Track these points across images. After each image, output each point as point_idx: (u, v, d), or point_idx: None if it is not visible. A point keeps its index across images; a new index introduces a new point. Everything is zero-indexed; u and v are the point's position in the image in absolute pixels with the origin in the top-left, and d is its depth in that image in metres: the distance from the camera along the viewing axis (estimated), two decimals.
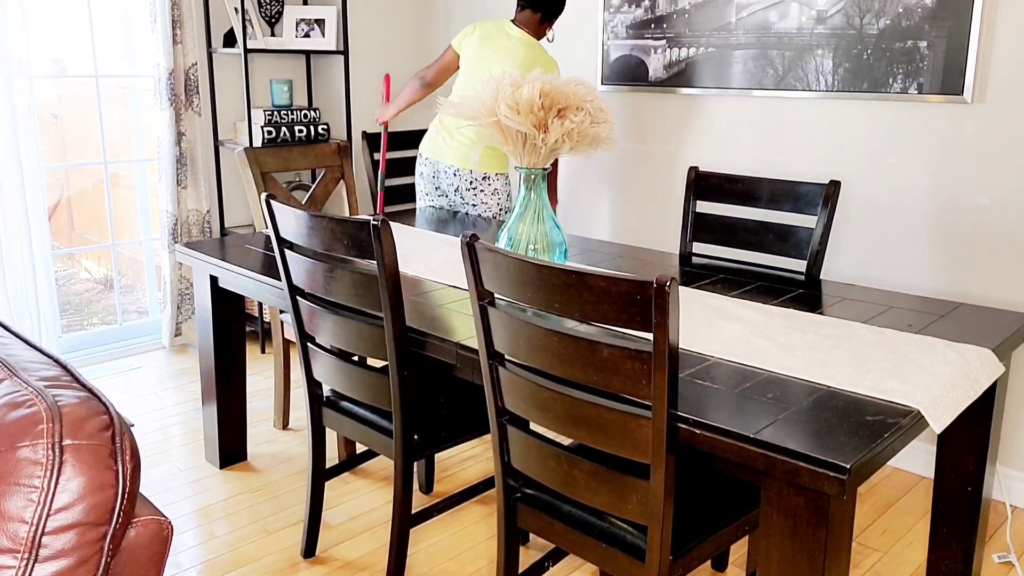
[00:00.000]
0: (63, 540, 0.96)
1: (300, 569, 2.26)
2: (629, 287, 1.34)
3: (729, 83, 3.07)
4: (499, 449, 1.72)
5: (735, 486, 1.74)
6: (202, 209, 3.75)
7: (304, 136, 3.84)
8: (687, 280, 2.24)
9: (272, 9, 3.90)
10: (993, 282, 2.58)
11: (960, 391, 1.55)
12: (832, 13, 2.77)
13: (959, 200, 2.61)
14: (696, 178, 2.63)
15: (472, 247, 1.58)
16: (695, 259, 2.50)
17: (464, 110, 2.02)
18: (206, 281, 2.62)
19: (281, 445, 2.96)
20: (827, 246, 2.44)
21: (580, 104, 1.94)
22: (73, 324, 4.23)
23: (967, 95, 2.53)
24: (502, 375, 1.64)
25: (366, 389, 2.04)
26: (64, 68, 3.73)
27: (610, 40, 3.41)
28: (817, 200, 2.39)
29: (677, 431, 1.42)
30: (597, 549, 1.61)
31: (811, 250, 2.38)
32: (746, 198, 2.55)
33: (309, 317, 2.10)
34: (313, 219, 1.93)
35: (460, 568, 2.26)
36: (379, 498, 2.61)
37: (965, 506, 1.98)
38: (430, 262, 2.40)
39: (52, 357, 1.15)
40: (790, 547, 1.37)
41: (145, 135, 3.82)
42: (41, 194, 3.38)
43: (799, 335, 1.79)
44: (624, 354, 1.38)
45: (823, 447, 1.30)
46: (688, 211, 2.63)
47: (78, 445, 0.97)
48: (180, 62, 3.57)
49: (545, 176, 2.07)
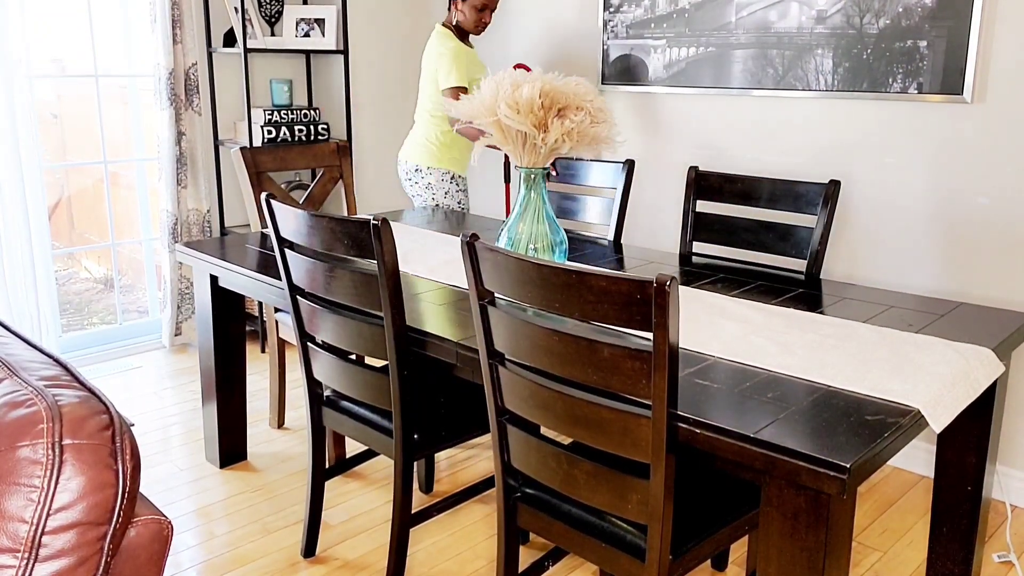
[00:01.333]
0: (63, 539, 0.96)
1: (300, 569, 2.26)
2: (629, 287, 1.34)
3: (729, 83, 3.07)
4: (499, 448, 1.72)
5: (735, 486, 1.74)
6: (202, 208, 3.75)
7: (304, 136, 3.84)
8: (687, 280, 2.24)
9: (272, 9, 3.90)
10: (993, 281, 2.58)
11: (960, 391, 1.55)
12: (832, 13, 2.77)
13: (959, 200, 2.61)
14: (696, 177, 2.63)
15: (472, 246, 1.58)
16: (695, 258, 2.50)
17: (464, 109, 2.02)
18: (206, 281, 2.62)
19: (281, 445, 2.96)
20: (827, 245, 2.45)
21: (580, 104, 1.94)
22: (73, 324, 4.23)
23: (967, 95, 2.53)
24: (502, 375, 1.64)
25: (366, 389, 2.04)
26: (64, 68, 3.72)
27: (610, 40, 3.41)
28: (817, 200, 2.39)
29: (677, 431, 1.42)
30: (597, 548, 1.61)
31: (811, 250, 2.38)
32: (746, 197, 2.55)
33: (309, 317, 2.10)
34: (313, 219, 1.93)
35: (460, 567, 2.26)
36: (379, 498, 2.61)
37: (965, 506, 1.98)
38: (430, 262, 2.40)
39: (52, 356, 1.15)
40: (790, 547, 1.37)
41: (145, 135, 3.82)
42: (41, 194, 3.38)
43: (799, 334, 1.79)
44: (624, 353, 1.38)
45: (823, 446, 1.30)
46: (688, 211, 2.63)
47: (78, 444, 0.97)
48: (180, 62, 3.57)
49: (545, 176, 2.07)
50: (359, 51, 4.06)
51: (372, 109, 4.16)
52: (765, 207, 2.51)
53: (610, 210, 2.82)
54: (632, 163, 2.80)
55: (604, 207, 2.85)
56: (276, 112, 3.75)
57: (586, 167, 2.91)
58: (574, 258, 2.46)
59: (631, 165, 2.80)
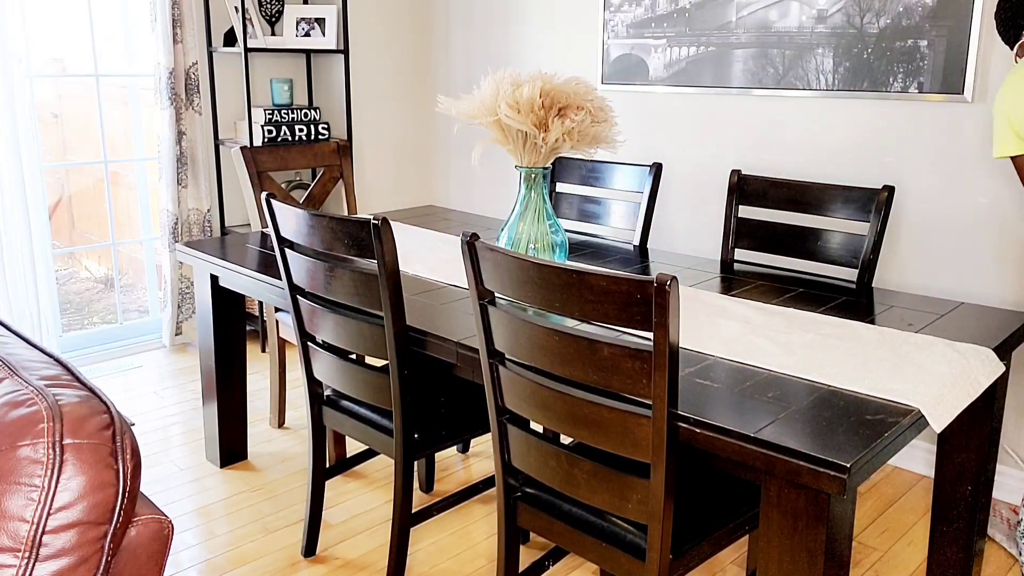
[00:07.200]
0: (64, 539, 0.96)
1: (300, 568, 2.26)
2: (629, 286, 1.34)
3: (729, 82, 3.07)
4: (499, 448, 1.72)
5: (735, 485, 1.74)
6: (202, 208, 3.75)
7: (304, 135, 3.84)
8: (727, 287, 2.23)
9: (272, 8, 3.90)
10: (993, 281, 2.58)
11: (960, 390, 1.55)
12: (832, 12, 2.77)
13: (958, 199, 2.61)
14: (739, 181, 2.58)
15: (472, 246, 1.58)
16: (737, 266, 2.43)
17: (464, 109, 2.02)
18: (206, 280, 2.62)
19: (281, 444, 2.96)
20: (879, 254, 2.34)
21: (581, 103, 1.94)
22: (73, 323, 4.23)
23: (967, 94, 2.52)
24: (502, 374, 1.64)
25: (366, 388, 2.04)
26: (64, 67, 3.73)
27: (610, 39, 3.41)
28: (869, 206, 2.32)
29: (677, 430, 1.42)
30: (597, 548, 1.61)
31: (863, 258, 2.31)
32: (792, 203, 2.47)
33: (309, 316, 2.10)
34: (313, 218, 1.93)
35: (460, 567, 2.27)
36: (379, 497, 2.61)
37: (965, 506, 1.98)
38: (430, 261, 2.40)
39: (52, 356, 1.15)
40: (790, 546, 1.37)
41: (145, 134, 3.82)
42: (41, 193, 3.38)
43: (799, 334, 1.79)
44: (624, 353, 1.38)
45: (823, 446, 1.30)
46: (730, 216, 2.58)
47: (79, 444, 0.97)
48: (180, 61, 3.58)
49: (546, 175, 2.07)
50: (359, 51, 4.06)
51: (372, 109, 4.16)
52: (812, 213, 2.44)
53: (635, 214, 2.76)
54: (660, 166, 2.74)
55: (628, 211, 2.79)
56: (276, 112, 3.75)
57: (611, 170, 2.85)
58: (602, 265, 2.45)
59: (659, 168, 2.73)
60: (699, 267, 2.39)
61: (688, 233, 3.31)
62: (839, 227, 2.72)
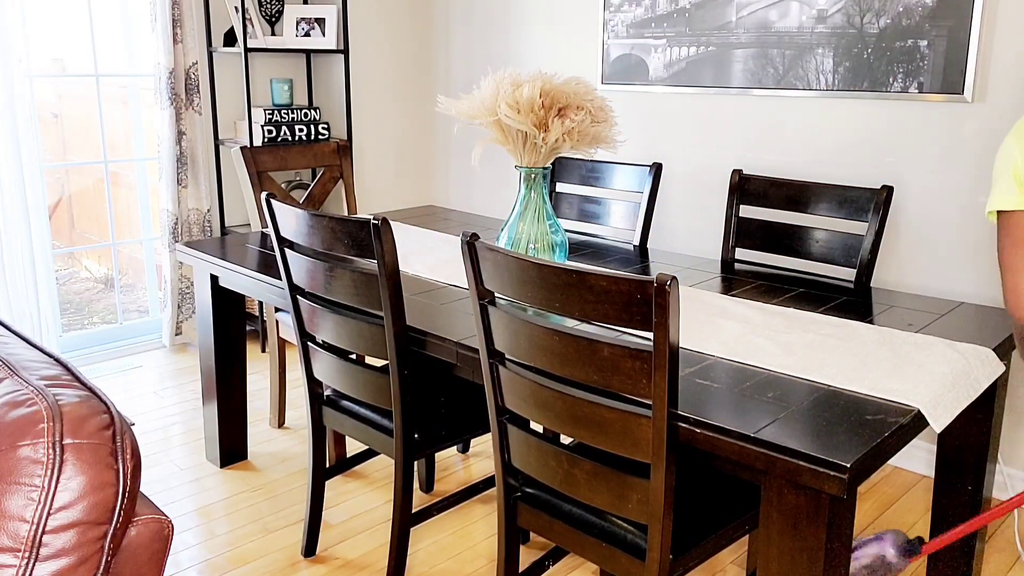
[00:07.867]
0: (64, 539, 0.96)
1: (300, 568, 2.26)
2: (630, 286, 1.34)
3: (729, 82, 3.07)
4: (499, 448, 1.72)
5: (735, 485, 1.74)
6: (202, 208, 3.75)
7: (304, 135, 3.84)
8: (727, 287, 2.23)
9: (272, 8, 3.90)
10: (993, 281, 2.58)
11: (960, 390, 1.55)
12: (832, 12, 2.77)
13: (958, 199, 2.61)
14: (740, 181, 2.58)
15: (472, 246, 1.58)
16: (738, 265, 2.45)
17: (464, 109, 2.02)
18: (206, 280, 2.62)
19: (281, 444, 2.96)
20: (878, 253, 2.35)
21: (581, 103, 1.94)
22: (73, 323, 4.23)
23: (967, 94, 2.52)
24: (502, 374, 1.64)
25: (366, 388, 2.04)
26: (64, 67, 3.73)
27: (610, 39, 3.41)
28: (868, 206, 2.33)
29: (677, 430, 1.42)
30: (597, 548, 1.61)
31: (861, 258, 2.32)
32: (792, 203, 2.48)
33: (309, 316, 2.10)
34: (313, 218, 1.93)
35: (460, 567, 2.27)
36: (379, 497, 2.61)
37: (965, 506, 1.98)
38: (430, 261, 2.40)
39: (52, 356, 1.15)
40: (790, 546, 1.37)
41: (145, 134, 3.82)
42: (41, 193, 3.38)
43: (799, 334, 1.79)
44: (624, 353, 1.38)
45: (823, 446, 1.30)
46: (731, 216, 2.58)
47: (79, 444, 0.97)
48: (180, 61, 3.57)
49: (546, 175, 2.07)
50: (359, 51, 4.06)
51: (372, 109, 4.16)
52: (812, 213, 2.44)
53: (635, 214, 2.77)
54: (660, 166, 2.75)
55: (628, 211, 2.80)
56: (276, 112, 3.75)
57: (611, 170, 2.87)
58: (602, 265, 2.45)
59: (659, 168, 2.75)
60: (699, 267, 2.39)
61: (688, 233, 3.31)
62: (839, 227, 2.73)
